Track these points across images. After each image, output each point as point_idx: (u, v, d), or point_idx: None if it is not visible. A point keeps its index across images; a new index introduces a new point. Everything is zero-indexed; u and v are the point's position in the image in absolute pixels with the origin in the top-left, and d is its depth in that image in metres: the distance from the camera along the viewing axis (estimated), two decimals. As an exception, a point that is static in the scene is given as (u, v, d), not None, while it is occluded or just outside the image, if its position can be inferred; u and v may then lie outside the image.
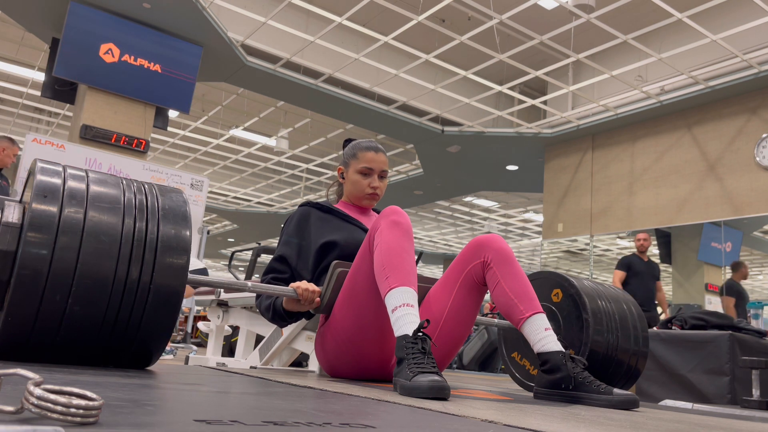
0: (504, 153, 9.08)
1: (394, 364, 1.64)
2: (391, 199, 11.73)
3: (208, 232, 10.90)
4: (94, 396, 0.60)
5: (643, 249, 5.81)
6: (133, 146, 6.47)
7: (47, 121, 10.93)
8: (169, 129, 8.81)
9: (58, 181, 1.27)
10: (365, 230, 1.89)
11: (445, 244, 17.23)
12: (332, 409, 0.93)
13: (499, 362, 7.51)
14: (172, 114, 7.93)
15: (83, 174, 1.34)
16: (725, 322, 3.57)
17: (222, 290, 3.15)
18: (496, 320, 2.23)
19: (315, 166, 11.50)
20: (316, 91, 7.65)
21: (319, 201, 1.98)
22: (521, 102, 8.39)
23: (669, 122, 7.36)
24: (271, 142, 10.45)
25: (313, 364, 2.14)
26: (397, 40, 6.75)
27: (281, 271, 1.83)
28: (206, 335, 7.91)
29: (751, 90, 6.60)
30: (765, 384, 3.02)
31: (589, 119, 7.86)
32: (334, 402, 1.06)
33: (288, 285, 1.81)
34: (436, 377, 1.28)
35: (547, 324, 1.63)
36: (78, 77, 6.22)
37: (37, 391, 0.56)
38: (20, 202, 1.32)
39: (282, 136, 10.31)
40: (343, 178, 1.96)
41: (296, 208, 1.96)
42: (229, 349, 5.70)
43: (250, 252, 5.59)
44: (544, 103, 8.39)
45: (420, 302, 1.76)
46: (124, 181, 1.39)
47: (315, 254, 1.83)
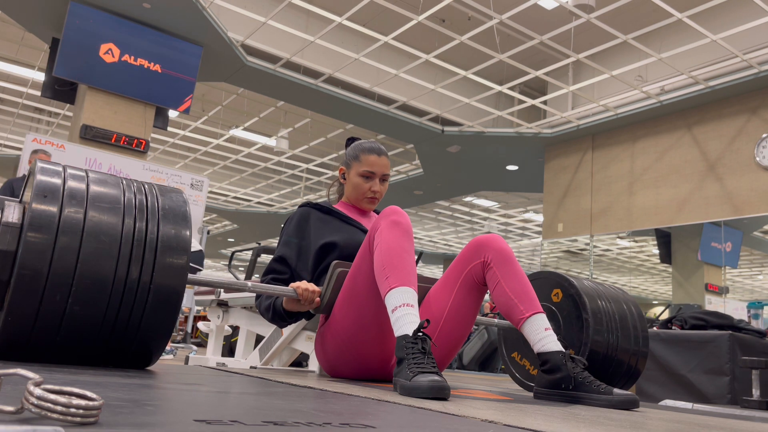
0: (504, 153, 9.08)
1: (394, 364, 1.64)
2: (391, 199, 11.73)
3: (208, 232, 10.90)
4: (94, 396, 0.60)
5: None
6: (133, 146, 6.47)
7: (47, 121, 10.93)
8: (169, 129, 8.82)
9: (58, 181, 1.27)
10: (365, 231, 1.89)
11: (445, 244, 17.23)
12: (332, 409, 0.93)
13: (499, 362, 7.51)
14: (172, 114, 7.93)
15: (83, 174, 1.34)
16: (725, 322, 3.57)
17: (222, 290, 3.15)
18: (496, 320, 2.23)
19: (315, 166, 11.50)
20: (316, 91, 7.65)
21: (319, 201, 1.97)
22: (521, 102, 8.39)
23: (669, 122, 7.36)
24: (271, 142, 10.45)
25: (313, 364, 2.14)
26: (397, 40, 6.74)
27: (281, 271, 1.83)
28: (206, 335, 7.91)
29: (751, 90, 6.60)
30: (765, 384, 3.02)
31: (589, 119, 7.86)
32: (334, 402, 1.06)
33: (288, 285, 1.81)
34: (436, 377, 1.28)
35: (547, 324, 1.63)
36: (78, 77, 6.22)
37: (37, 391, 0.56)
38: (20, 202, 1.32)
39: (282, 136, 10.31)
40: (344, 178, 1.95)
41: (296, 208, 1.96)
42: (229, 349, 5.70)
43: (250, 252, 5.59)
44: (544, 103, 8.39)
45: (420, 302, 1.76)
46: (124, 181, 1.39)
47: (314, 255, 1.83)
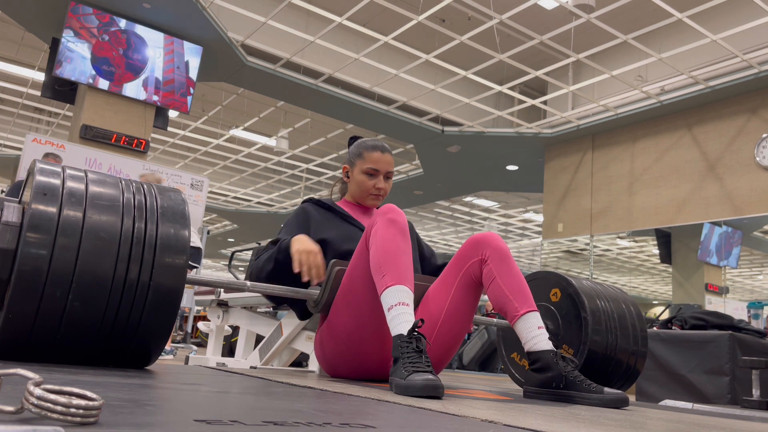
0: (504, 153, 9.08)
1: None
2: (391, 199, 11.73)
3: (208, 232, 10.89)
4: (94, 396, 0.60)
5: None
6: (133, 146, 6.47)
7: (47, 121, 10.93)
8: (169, 129, 8.81)
9: (57, 181, 1.27)
10: (363, 230, 1.89)
11: (445, 244, 17.22)
12: (332, 409, 0.93)
13: (499, 362, 7.51)
14: (172, 114, 7.93)
15: (82, 174, 1.34)
16: (725, 322, 3.57)
17: (222, 290, 3.15)
18: (495, 320, 2.22)
19: (315, 166, 11.50)
20: (316, 91, 7.65)
21: (321, 198, 1.98)
22: (521, 102, 8.39)
23: (669, 122, 7.36)
24: (271, 142, 10.45)
25: (313, 364, 2.14)
26: (397, 40, 6.74)
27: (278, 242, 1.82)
28: (206, 335, 7.91)
29: (751, 90, 6.60)
30: (765, 384, 3.02)
31: (589, 119, 7.86)
32: (334, 402, 1.06)
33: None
34: (430, 376, 1.30)
35: (541, 323, 1.62)
36: (78, 77, 6.22)
37: (37, 391, 0.56)
38: (20, 202, 1.32)
39: (282, 136, 10.30)
40: (348, 177, 1.95)
41: (298, 205, 1.96)
42: (229, 349, 5.71)
43: (250, 252, 5.59)
44: (544, 103, 8.39)
45: (419, 301, 1.76)
46: (123, 181, 1.39)
47: None
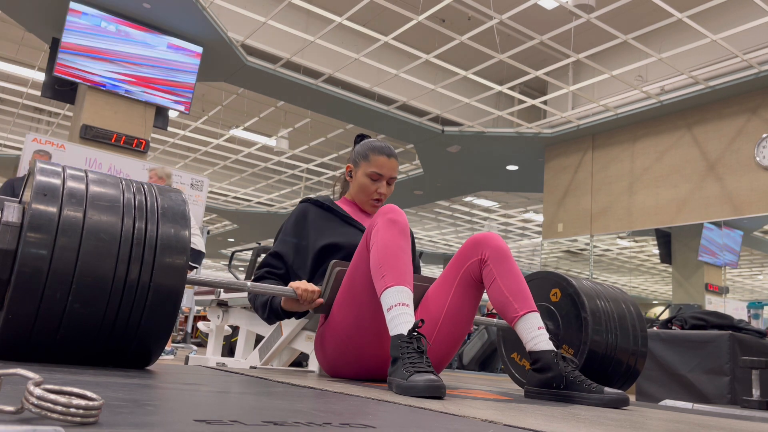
0: (504, 153, 9.08)
1: (392, 364, 1.64)
2: (391, 199, 11.73)
3: (209, 232, 10.90)
4: (94, 396, 0.60)
5: None
6: (133, 146, 6.47)
7: (47, 121, 10.93)
8: (169, 129, 8.81)
9: (57, 181, 1.27)
10: (364, 231, 1.88)
11: (445, 244, 17.22)
12: (332, 409, 0.93)
13: (499, 362, 7.51)
14: (172, 114, 7.93)
15: (82, 174, 1.34)
16: (725, 322, 3.57)
17: (222, 290, 3.15)
18: (495, 320, 2.22)
19: (315, 166, 11.49)
20: (316, 91, 7.65)
21: (320, 198, 1.93)
22: (521, 102, 8.39)
23: (669, 122, 7.36)
24: (271, 142, 10.45)
25: (313, 364, 2.14)
26: (397, 40, 6.74)
27: (276, 266, 1.81)
28: (206, 335, 7.91)
29: (751, 90, 6.60)
30: (765, 384, 3.02)
31: (589, 119, 7.86)
32: (334, 402, 1.06)
33: (283, 280, 1.80)
34: (433, 376, 1.29)
35: (541, 323, 1.62)
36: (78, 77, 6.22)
37: (37, 391, 0.56)
38: (20, 202, 1.32)
39: (282, 136, 10.30)
40: (351, 176, 1.93)
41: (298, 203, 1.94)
42: (229, 349, 5.70)
43: (250, 252, 5.59)
44: (544, 103, 8.39)
45: (419, 301, 1.76)
46: (123, 181, 1.39)
47: (314, 256, 1.82)
